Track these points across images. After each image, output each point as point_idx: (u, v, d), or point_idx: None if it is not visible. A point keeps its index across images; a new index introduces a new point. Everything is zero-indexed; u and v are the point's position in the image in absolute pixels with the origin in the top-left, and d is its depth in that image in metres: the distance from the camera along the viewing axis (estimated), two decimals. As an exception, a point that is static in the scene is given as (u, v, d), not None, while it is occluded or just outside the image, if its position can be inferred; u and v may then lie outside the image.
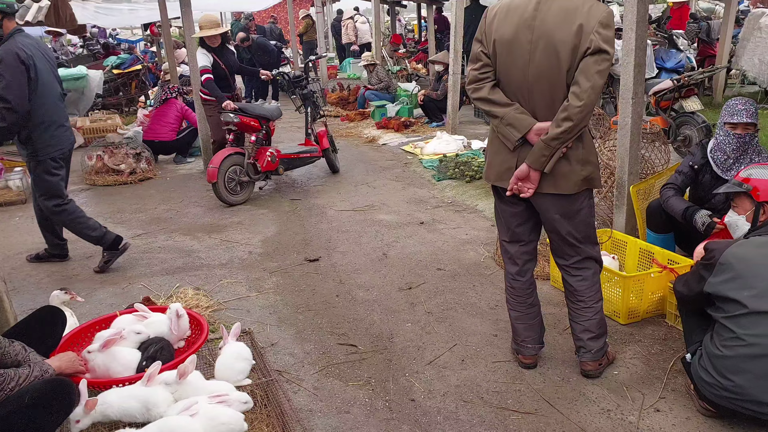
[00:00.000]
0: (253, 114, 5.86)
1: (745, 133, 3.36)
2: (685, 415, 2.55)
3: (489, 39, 2.49)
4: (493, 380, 2.86)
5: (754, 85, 10.16)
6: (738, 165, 3.40)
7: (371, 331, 3.35)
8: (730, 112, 3.38)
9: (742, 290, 2.28)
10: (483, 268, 4.12)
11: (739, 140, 3.37)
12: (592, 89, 2.28)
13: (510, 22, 2.42)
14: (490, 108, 2.53)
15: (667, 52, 9.16)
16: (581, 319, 2.74)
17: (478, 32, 2.55)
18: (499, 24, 2.45)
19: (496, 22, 2.46)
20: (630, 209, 4.12)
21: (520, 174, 2.49)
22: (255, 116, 5.86)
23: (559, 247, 2.73)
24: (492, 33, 2.47)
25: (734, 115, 3.35)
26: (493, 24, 2.47)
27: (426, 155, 7.24)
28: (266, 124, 5.96)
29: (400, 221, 5.15)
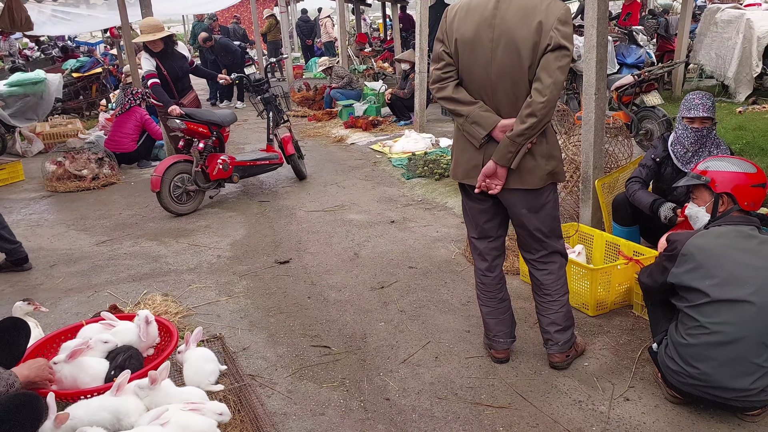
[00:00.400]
0: (201, 120, 5.59)
1: (703, 127, 3.45)
2: (654, 403, 2.61)
3: (450, 38, 2.50)
4: (466, 376, 2.88)
5: (712, 79, 10.43)
6: (697, 158, 3.49)
7: (344, 332, 3.34)
8: (687, 107, 3.47)
9: (703, 280, 2.34)
10: (454, 265, 4.14)
11: (697, 134, 3.46)
12: (554, 85, 2.32)
13: (471, 21, 2.44)
14: (455, 107, 2.55)
15: (628, 47, 9.36)
16: (548, 312, 2.79)
17: (439, 32, 2.57)
18: (460, 23, 2.47)
19: (457, 21, 2.48)
20: (595, 203, 4.19)
21: (487, 171, 2.52)
22: (203, 122, 5.59)
23: (526, 242, 2.77)
24: (453, 32, 2.49)
25: (691, 109, 3.44)
26: (453, 23, 2.49)
27: (395, 154, 7.26)
28: (217, 130, 5.69)
29: (371, 220, 5.15)
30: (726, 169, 2.63)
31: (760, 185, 2.52)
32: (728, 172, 2.61)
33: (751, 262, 2.31)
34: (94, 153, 7.00)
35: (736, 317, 2.26)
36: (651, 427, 2.46)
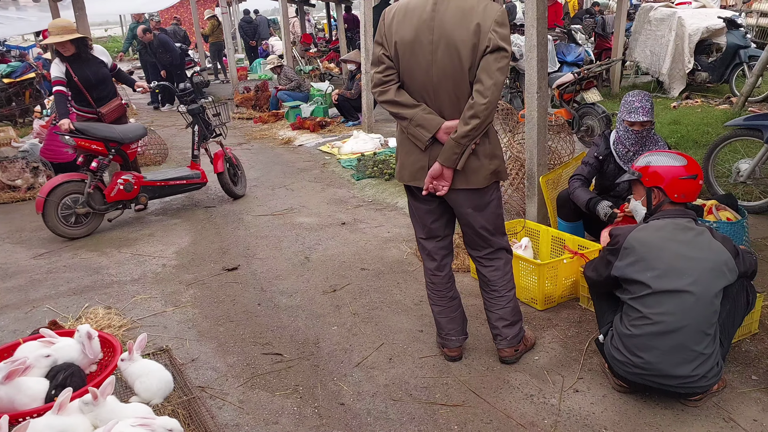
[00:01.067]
0: (95, 136, 4.99)
1: (643, 129, 3.57)
2: (602, 393, 2.68)
3: (390, 41, 2.50)
4: (420, 376, 2.88)
5: (647, 76, 10.82)
6: (638, 157, 3.60)
7: (296, 338, 3.29)
8: (627, 110, 3.56)
9: (645, 272, 2.42)
10: (406, 265, 4.15)
11: (638, 135, 3.57)
12: (495, 86, 2.35)
13: (409, 24, 2.44)
14: (398, 110, 2.55)
15: (567, 46, 9.60)
16: (496, 307, 2.84)
17: (378, 35, 2.56)
18: (399, 26, 2.47)
19: (395, 24, 2.48)
20: (541, 199, 4.28)
21: (433, 173, 2.53)
22: (98, 139, 5.00)
23: (472, 240, 2.81)
24: (392, 35, 2.48)
25: (632, 113, 3.54)
26: (392, 26, 2.49)
27: (344, 155, 7.23)
28: (117, 147, 5.12)
29: (321, 223, 5.10)
30: (657, 163, 2.74)
31: (689, 177, 2.62)
32: (659, 166, 2.72)
33: (688, 253, 2.40)
34: (28, 162, 6.68)
35: (677, 307, 2.34)
36: (600, 417, 2.52)
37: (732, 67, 9.45)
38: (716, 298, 2.36)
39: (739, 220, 3.60)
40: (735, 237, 3.49)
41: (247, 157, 7.72)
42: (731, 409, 2.50)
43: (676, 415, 2.48)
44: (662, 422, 2.45)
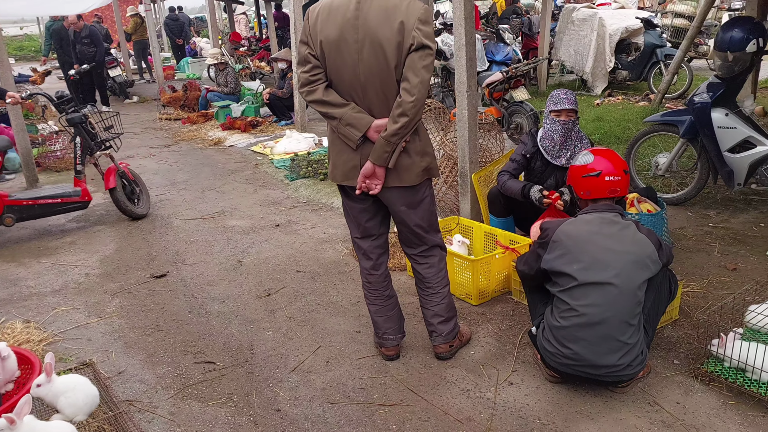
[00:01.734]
0: None
1: (569, 120, 3.67)
2: (535, 384, 2.73)
3: (315, 40, 2.47)
4: (358, 377, 2.86)
5: (572, 74, 11.21)
6: (564, 151, 3.71)
7: (230, 345, 3.20)
8: (554, 101, 3.68)
9: (572, 264, 2.49)
10: (343, 266, 4.11)
11: (564, 126, 3.68)
12: (421, 84, 2.36)
13: (333, 23, 2.42)
14: (327, 110, 2.52)
15: (496, 45, 9.81)
16: (431, 304, 2.86)
17: (303, 34, 2.52)
18: (323, 25, 2.44)
19: (320, 23, 2.45)
20: (474, 196, 4.34)
21: (366, 172, 2.52)
22: None
23: (407, 238, 2.81)
24: (317, 34, 2.46)
25: (558, 103, 3.65)
26: (317, 25, 2.46)
27: (277, 155, 7.10)
28: None
29: (254, 225, 4.99)
30: (573, 162, 2.85)
31: (592, 175, 2.72)
32: (572, 165, 2.85)
33: (613, 246, 2.49)
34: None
35: (601, 299, 2.42)
36: (534, 408, 2.57)
37: (650, 66, 9.93)
38: (639, 290, 2.45)
39: (659, 211, 3.78)
40: (655, 228, 3.66)
41: (175, 159, 7.48)
42: (656, 394, 2.60)
43: (605, 402, 2.57)
44: (592, 410, 2.53)
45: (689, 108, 4.54)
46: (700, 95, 4.48)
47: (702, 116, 4.42)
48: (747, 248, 4.01)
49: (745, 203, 4.81)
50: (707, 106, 4.39)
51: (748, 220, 4.49)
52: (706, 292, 3.44)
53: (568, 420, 2.48)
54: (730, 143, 4.40)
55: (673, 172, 4.93)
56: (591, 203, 2.72)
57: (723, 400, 2.54)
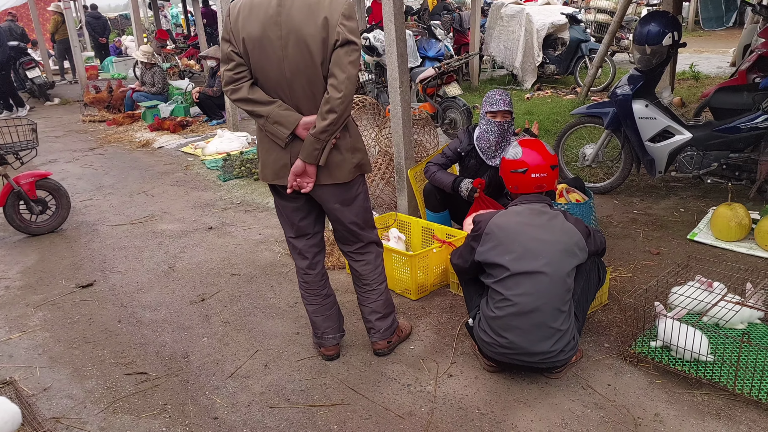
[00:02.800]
0: None
1: (504, 121, 3.74)
2: (474, 374, 2.77)
3: (237, 37, 2.41)
4: (298, 379, 2.81)
5: (503, 69, 11.46)
6: (500, 152, 3.78)
7: (163, 354, 3.08)
8: (489, 102, 3.73)
9: (504, 255, 2.53)
10: (280, 267, 4.05)
11: (500, 127, 3.74)
12: (348, 80, 2.34)
13: (256, 19, 2.37)
14: (253, 108, 2.46)
15: (428, 41, 9.90)
16: (368, 301, 2.85)
17: (225, 31, 2.46)
18: (245, 22, 2.38)
19: (242, 19, 2.39)
20: (410, 191, 4.36)
21: (296, 170, 2.48)
22: None
23: (342, 235, 2.79)
24: (239, 31, 2.39)
25: (493, 104, 3.70)
26: (238, 22, 2.40)
27: (208, 155, 6.92)
28: None
29: (186, 229, 4.83)
30: (505, 155, 2.93)
31: (518, 171, 2.79)
32: (503, 157, 2.92)
33: (542, 236, 2.55)
34: None
35: (533, 288, 2.48)
36: (473, 398, 2.60)
37: (575, 60, 10.28)
38: (569, 277, 2.52)
39: (587, 201, 3.90)
40: (584, 217, 3.78)
41: (101, 163, 7.16)
42: (588, 377, 2.69)
43: (541, 389, 2.63)
44: (529, 397, 2.59)
45: (612, 100, 4.72)
46: (621, 88, 4.66)
47: (624, 108, 4.61)
48: (669, 233, 4.21)
49: (667, 190, 5.04)
50: (628, 97, 4.57)
51: (670, 206, 4.72)
52: (632, 277, 3.58)
53: (506, 408, 2.53)
54: (651, 133, 4.60)
55: (600, 162, 5.12)
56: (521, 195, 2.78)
57: (650, 379, 2.65)
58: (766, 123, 4.18)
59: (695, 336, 2.61)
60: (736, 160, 4.38)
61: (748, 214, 3.95)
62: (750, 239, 3.92)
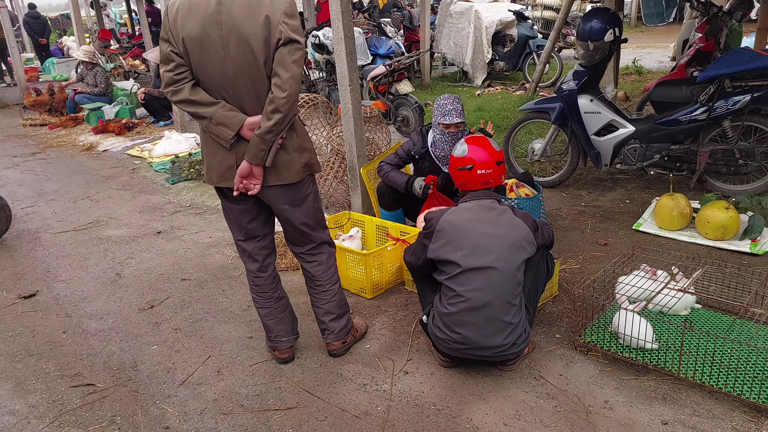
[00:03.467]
0: None
1: (457, 130, 3.77)
2: (430, 371, 2.78)
3: (177, 37, 2.34)
4: (252, 384, 2.77)
5: (454, 66, 11.56)
6: None
7: (110, 364, 2.99)
8: (441, 113, 3.74)
9: (455, 252, 2.55)
10: (232, 270, 3.97)
11: (454, 137, 3.77)
12: (293, 79, 2.31)
13: (195, 19, 2.31)
14: (196, 109, 2.40)
15: (379, 39, 9.90)
16: (322, 302, 2.83)
17: (163, 31, 2.39)
18: (184, 21, 2.32)
19: (180, 19, 2.32)
20: (364, 190, 4.35)
21: (242, 172, 2.43)
22: None
23: (293, 237, 2.76)
24: (178, 31, 2.33)
25: (446, 116, 3.72)
26: (177, 21, 2.33)
27: (156, 158, 6.74)
28: None
29: (134, 234, 4.70)
30: (452, 153, 2.95)
31: (465, 168, 2.82)
32: (451, 155, 2.95)
33: (492, 231, 2.58)
34: None
35: (484, 283, 2.50)
36: (429, 394, 2.61)
37: (524, 56, 10.47)
38: (518, 271, 2.56)
39: (536, 195, 3.97)
40: (533, 211, 3.84)
41: (43, 168, 6.89)
42: (540, 368, 2.74)
43: (495, 381, 2.66)
44: (484, 390, 2.61)
45: (558, 95, 4.82)
46: (567, 83, 4.76)
47: (570, 103, 4.71)
48: (616, 224, 4.33)
49: (613, 182, 5.18)
50: (574, 93, 4.68)
51: (616, 197, 4.85)
52: (581, 268, 3.67)
53: (461, 402, 2.55)
54: (596, 127, 4.72)
55: (548, 157, 5.22)
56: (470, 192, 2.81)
57: (600, 367, 2.72)
58: (704, 115, 4.34)
59: (641, 324, 2.69)
60: (677, 152, 4.54)
61: (689, 204, 4.09)
62: (691, 228, 4.07)
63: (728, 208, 3.81)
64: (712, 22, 6.25)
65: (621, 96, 8.12)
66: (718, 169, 4.43)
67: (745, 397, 2.40)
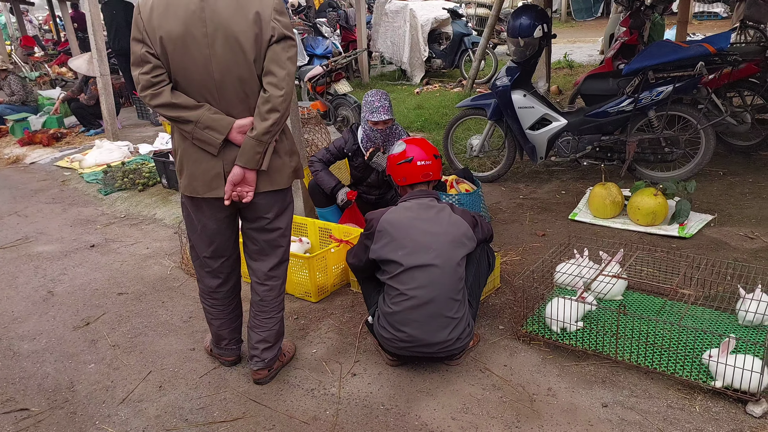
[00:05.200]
0: None
1: (386, 127, 3.78)
2: (377, 371, 2.78)
3: (153, 37, 2.20)
4: (196, 397, 2.70)
5: (392, 65, 11.63)
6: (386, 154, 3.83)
7: (45, 386, 2.85)
8: (369, 110, 3.74)
9: (397, 251, 2.56)
10: (171, 281, 3.86)
11: (383, 134, 3.79)
12: (289, 76, 2.24)
13: (175, 16, 2.18)
14: (179, 113, 2.26)
15: (315, 39, 9.85)
16: (262, 329, 2.67)
17: (136, 31, 2.24)
18: (162, 19, 2.18)
19: (157, 17, 2.19)
20: (305, 193, 4.31)
21: (234, 179, 2.31)
22: None
23: (262, 249, 2.60)
24: (155, 30, 2.19)
25: (374, 113, 3.72)
26: (152, 20, 2.19)
27: (87, 168, 6.48)
28: None
29: (66, 249, 4.50)
30: (389, 152, 2.97)
31: (405, 161, 2.84)
32: (389, 155, 2.96)
33: (431, 229, 2.60)
34: None
35: (426, 280, 2.52)
36: (377, 395, 2.62)
37: (460, 53, 10.63)
38: (459, 267, 2.59)
39: (476, 190, 4.04)
40: (474, 205, 3.91)
41: (-36, 184, 6.52)
42: (485, 360, 2.78)
43: (443, 377, 2.69)
44: (431, 386, 2.63)
45: (493, 92, 4.92)
46: (500, 79, 4.86)
47: (504, 98, 4.81)
48: (553, 214, 4.45)
49: (549, 174, 5.33)
50: (507, 89, 4.78)
51: (552, 189, 4.99)
52: (522, 259, 3.75)
53: (410, 400, 2.56)
54: (530, 121, 4.84)
55: (486, 152, 5.32)
56: (409, 189, 2.83)
57: (542, 356, 2.79)
58: (631, 106, 4.52)
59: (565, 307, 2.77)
60: (607, 143, 4.71)
61: (621, 192, 4.25)
62: (624, 215, 4.23)
63: (656, 195, 3.99)
64: (635, 16, 6.52)
65: (554, 90, 8.37)
66: (646, 157, 4.63)
67: (678, 375, 2.51)
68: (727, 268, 3.14)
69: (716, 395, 2.42)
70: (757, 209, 4.22)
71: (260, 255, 2.62)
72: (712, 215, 4.09)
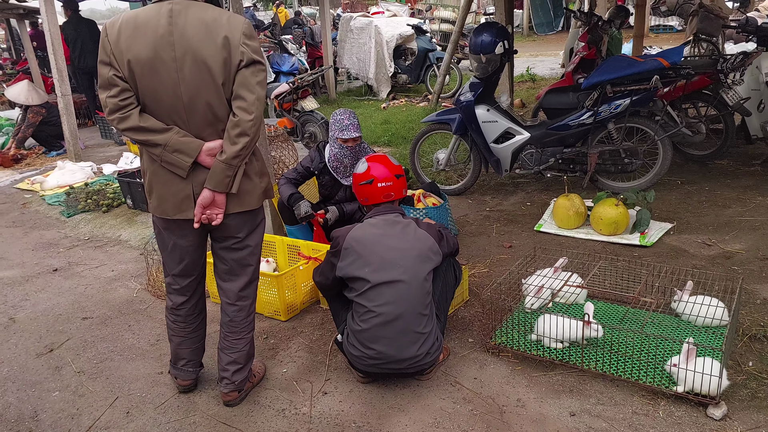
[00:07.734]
0: None
1: (355, 144, 3.81)
2: (348, 388, 2.78)
3: (121, 60, 2.19)
4: (164, 422, 2.65)
5: (358, 80, 11.70)
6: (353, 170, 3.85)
7: (7, 417, 2.77)
8: (339, 128, 3.77)
9: (364, 268, 2.58)
10: (137, 304, 3.80)
11: (352, 151, 3.82)
12: (258, 101, 2.25)
13: (143, 40, 2.18)
14: (147, 137, 2.25)
15: (281, 56, 9.86)
16: (232, 350, 2.65)
17: (103, 53, 2.22)
18: (130, 42, 2.18)
19: (124, 40, 2.18)
20: (273, 209, 4.30)
21: (204, 201, 2.31)
22: None
23: (232, 269, 2.60)
24: (123, 53, 2.18)
25: (343, 130, 3.75)
26: (120, 43, 2.18)
27: (49, 190, 6.34)
28: None
29: (27, 274, 4.39)
30: (354, 170, 3.01)
31: (366, 183, 2.88)
32: (353, 174, 3.00)
33: (397, 245, 2.63)
34: None
35: (394, 296, 2.54)
36: (349, 412, 2.61)
37: (425, 69, 10.77)
38: (426, 281, 2.62)
39: (443, 203, 4.09)
40: (441, 219, 3.96)
41: None
42: (456, 373, 2.81)
43: (414, 392, 2.70)
44: (402, 402, 2.64)
45: (457, 107, 4.99)
46: (464, 94, 4.95)
47: (468, 113, 4.89)
48: (519, 226, 4.52)
49: (514, 186, 5.42)
50: (471, 104, 4.87)
51: (518, 201, 5.07)
52: (489, 271, 3.80)
53: (381, 417, 2.56)
54: (494, 135, 4.93)
55: (452, 166, 5.39)
56: (374, 207, 2.85)
57: (511, 367, 2.82)
58: (591, 119, 4.64)
59: (557, 324, 2.81)
60: (570, 155, 4.82)
61: (584, 203, 4.35)
62: (587, 225, 4.33)
63: (618, 205, 4.09)
64: (593, 31, 6.71)
65: (517, 103, 8.53)
66: (607, 168, 4.75)
67: (641, 382, 2.57)
68: (686, 275, 3.24)
69: (679, 400, 2.49)
70: (714, 217, 4.36)
71: (230, 275, 2.61)
72: (672, 224, 4.22)
